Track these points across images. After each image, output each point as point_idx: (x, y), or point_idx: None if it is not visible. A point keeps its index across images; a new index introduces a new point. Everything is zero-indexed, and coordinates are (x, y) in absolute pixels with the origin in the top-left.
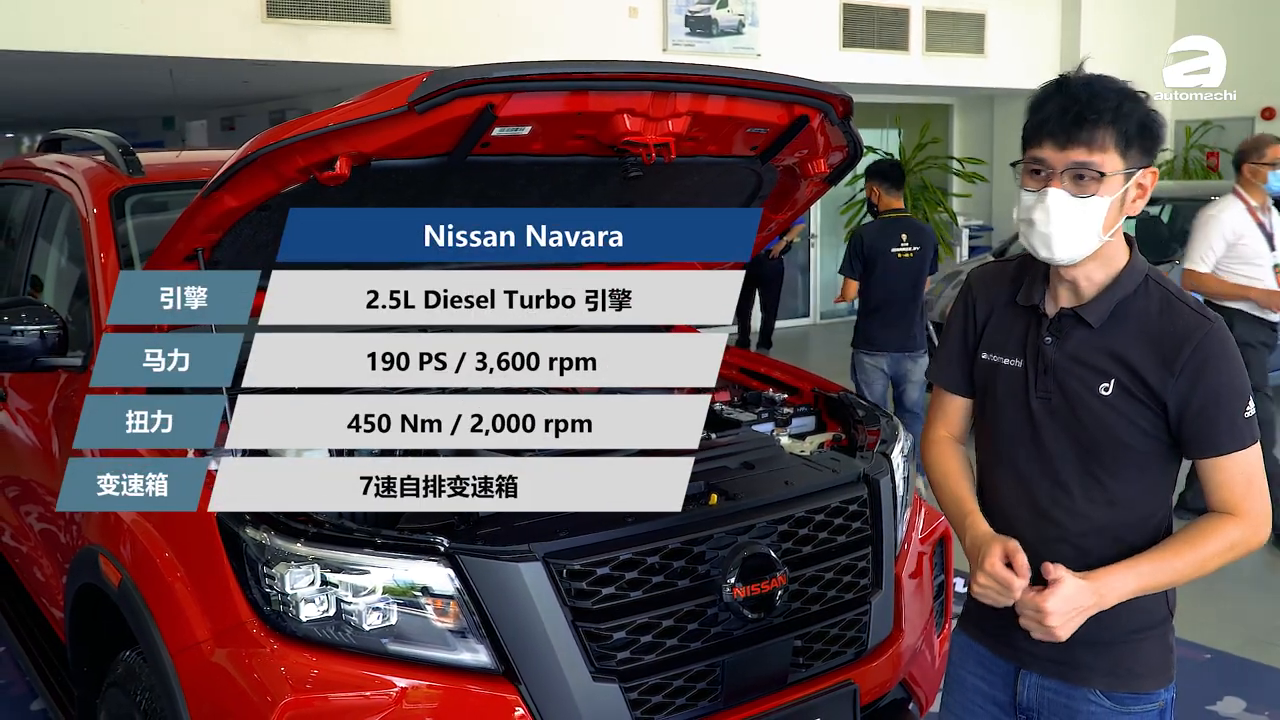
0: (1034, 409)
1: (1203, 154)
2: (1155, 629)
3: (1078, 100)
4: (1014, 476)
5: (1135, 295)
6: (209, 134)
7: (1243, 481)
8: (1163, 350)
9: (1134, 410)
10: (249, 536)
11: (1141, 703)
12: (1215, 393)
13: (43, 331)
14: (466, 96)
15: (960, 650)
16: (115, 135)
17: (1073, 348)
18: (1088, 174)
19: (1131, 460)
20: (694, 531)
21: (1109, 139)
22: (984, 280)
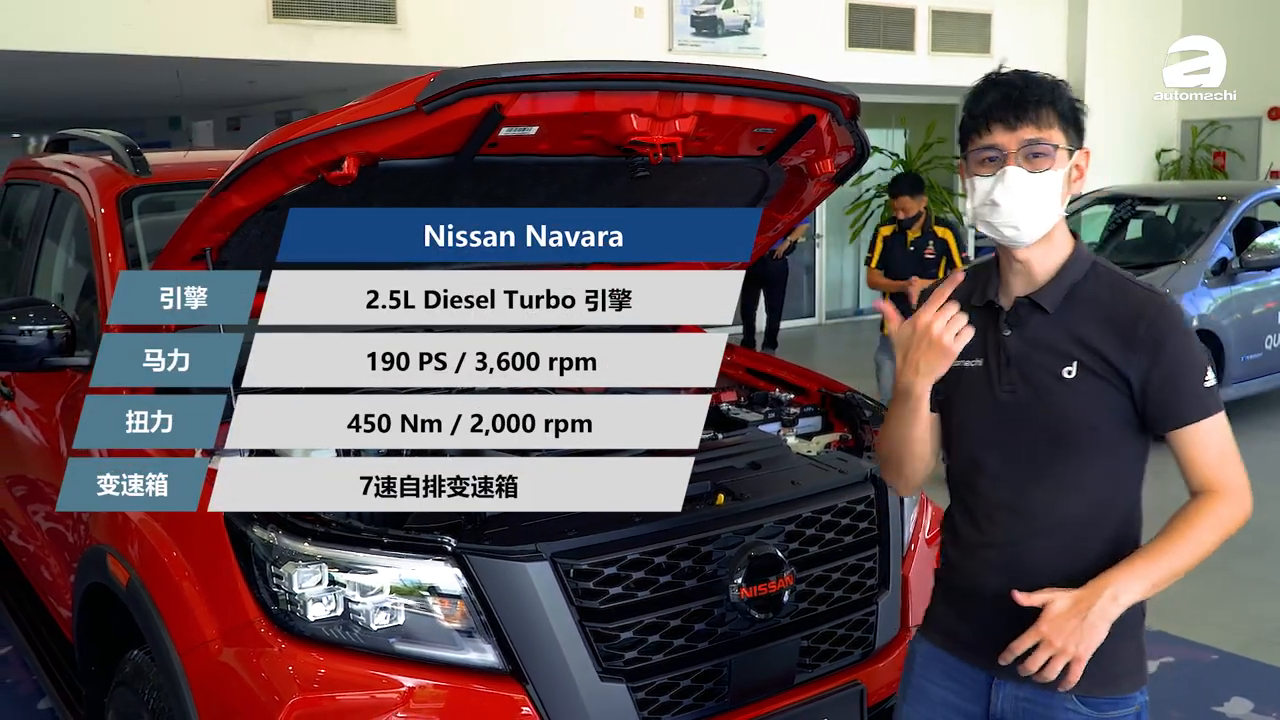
0: (1001, 404)
1: (1209, 154)
2: (1131, 628)
3: (1016, 87)
4: (988, 477)
5: (1085, 280)
6: (215, 134)
7: (1215, 454)
8: (1119, 327)
9: (1098, 390)
10: (257, 536)
11: (1119, 707)
12: (1175, 364)
13: (50, 331)
14: (474, 96)
15: (924, 660)
16: (122, 135)
17: (1032, 335)
18: (1041, 149)
19: (1101, 445)
20: (701, 531)
21: (1052, 117)
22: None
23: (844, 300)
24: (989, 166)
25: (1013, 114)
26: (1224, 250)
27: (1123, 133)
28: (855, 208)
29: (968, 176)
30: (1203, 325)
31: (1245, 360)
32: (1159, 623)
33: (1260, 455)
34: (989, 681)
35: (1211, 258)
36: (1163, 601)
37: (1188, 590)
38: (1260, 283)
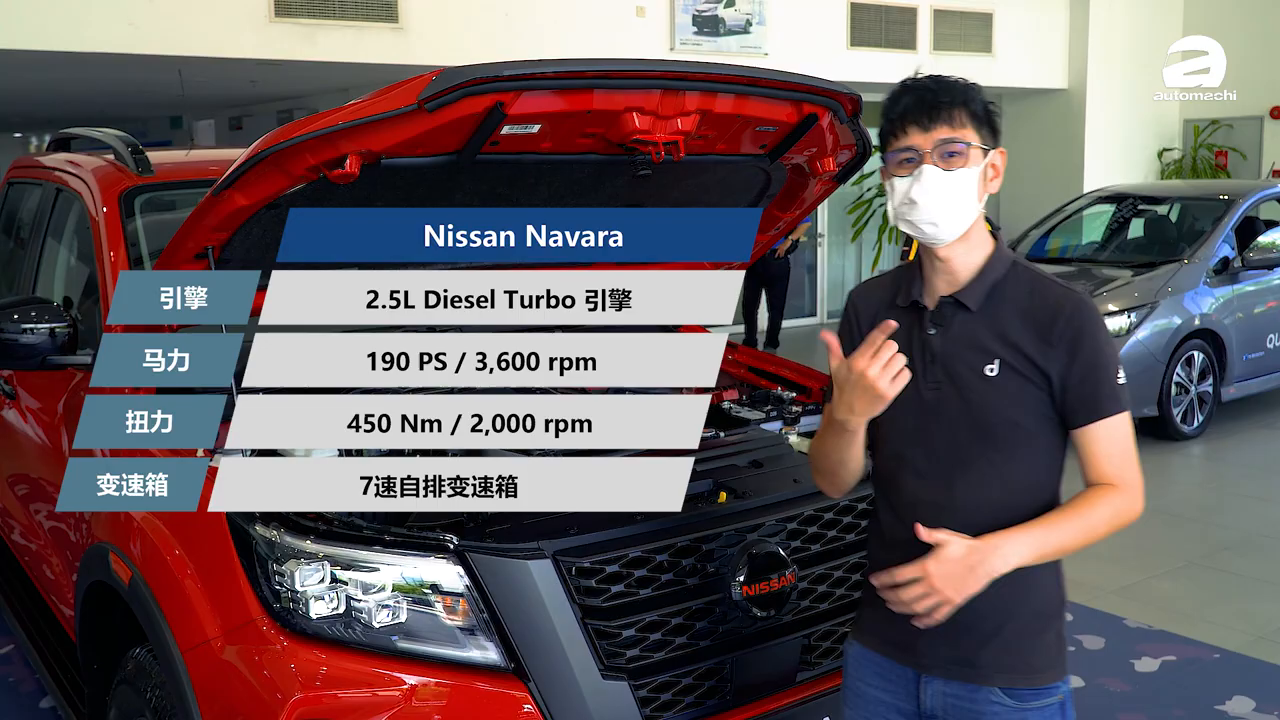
0: (925, 401)
1: (1211, 153)
2: (1051, 621)
3: (930, 90)
4: (913, 473)
5: (1006, 279)
6: (216, 134)
7: (1120, 450)
8: (1039, 324)
9: (1020, 387)
10: (259, 534)
11: (1041, 697)
12: (1093, 359)
13: (53, 330)
14: (476, 95)
15: (856, 662)
16: (124, 134)
17: (956, 333)
18: (955, 148)
19: (1022, 439)
20: (703, 530)
21: (964, 117)
22: (863, 293)
23: (845, 300)
24: (906, 168)
25: (926, 115)
26: (1226, 249)
27: (1124, 132)
28: (857, 207)
29: (887, 179)
30: (1204, 324)
31: (1247, 359)
32: (1161, 621)
33: (1260, 455)
34: (917, 679)
35: (1213, 257)
36: (1165, 600)
37: (1190, 589)
38: (1262, 282)
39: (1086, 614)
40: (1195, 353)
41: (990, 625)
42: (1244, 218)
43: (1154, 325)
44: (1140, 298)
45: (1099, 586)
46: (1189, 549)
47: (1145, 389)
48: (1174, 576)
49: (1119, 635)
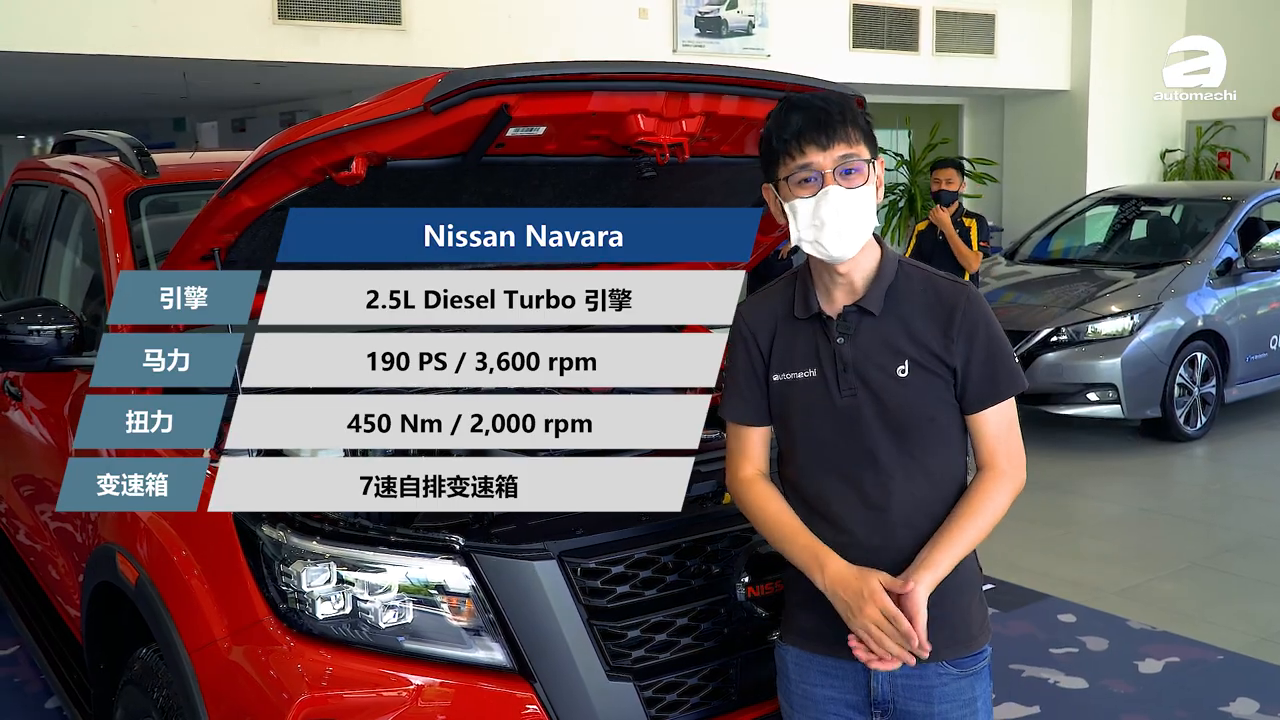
0: (842, 409)
1: (1214, 154)
2: (976, 590)
3: (820, 108)
4: (836, 478)
5: (899, 280)
6: (220, 136)
7: (1009, 428)
8: (938, 319)
9: (930, 382)
10: (266, 534)
11: (978, 661)
12: (991, 344)
13: (59, 331)
14: (481, 97)
15: (799, 665)
16: (130, 136)
17: (864, 339)
18: (854, 165)
19: (937, 432)
20: (707, 530)
21: (856, 133)
22: (754, 307)
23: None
24: (808, 188)
25: (824, 134)
26: (1229, 251)
27: (1127, 133)
28: None
29: (785, 201)
30: (1207, 325)
31: (1250, 361)
32: (1165, 623)
33: (1264, 456)
34: (866, 671)
35: (1216, 258)
36: (1168, 602)
37: (1193, 591)
38: (1265, 283)
39: (1090, 615)
40: (1198, 354)
41: (938, 608)
42: (1247, 219)
43: (1157, 326)
44: (1143, 299)
45: (1102, 588)
46: (1192, 550)
47: (1148, 390)
48: (1177, 578)
49: (1122, 637)
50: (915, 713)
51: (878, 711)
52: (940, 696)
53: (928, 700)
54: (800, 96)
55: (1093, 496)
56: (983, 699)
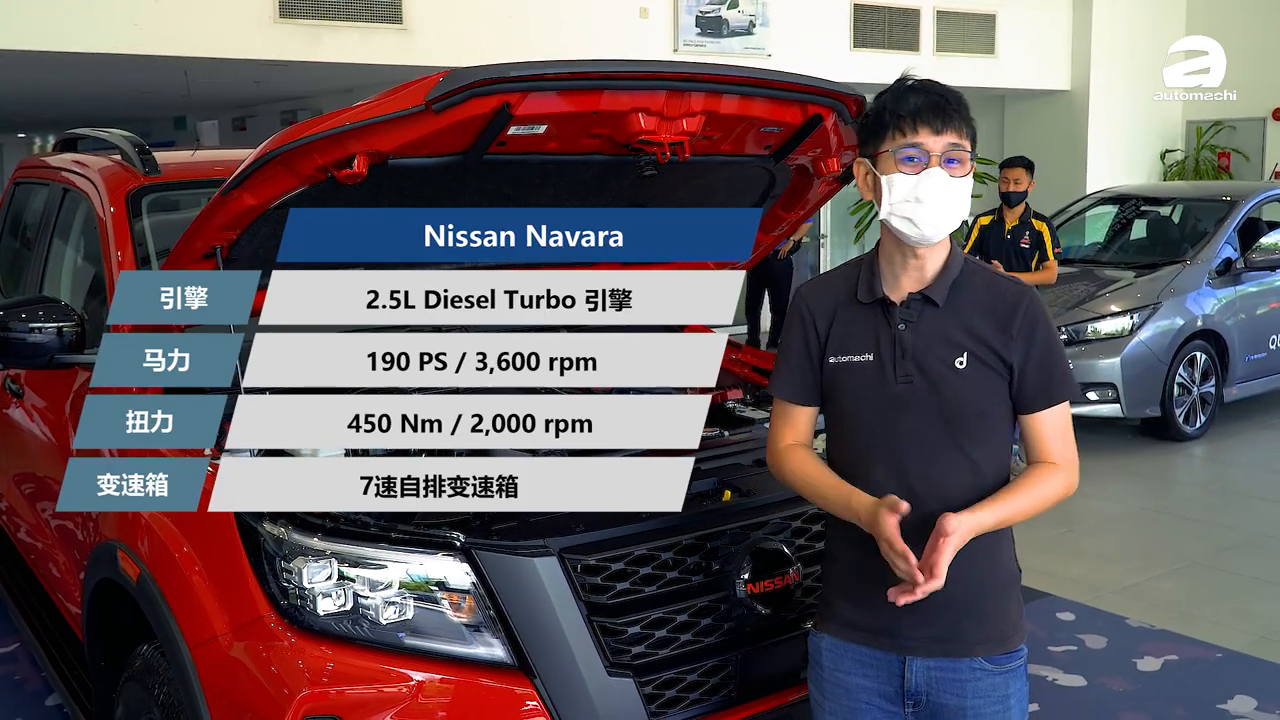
0: (897, 395)
1: (1213, 154)
2: (1013, 590)
3: (941, 95)
4: (884, 464)
5: (963, 276)
6: (220, 134)
7: (1062, 432)
8: (999, 318)
9: (986, 377)
10: (267, 531)
11: (1014, 659)
12: (1048, 348)
13: (60, 329)
14: (483, 95)
15: (833, 653)
16: (131, 134)
17: (926, 328)
18: (960, 155)
19: (987, 426)
20: (707, 527)
21: (965, 129)
22: (816, 289)
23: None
24: (912, 166)
25: (940, 119)
26: (1228, 250)
27: (1127, 133)
28: (859, 208)
29: (883, 173)
30: (1207, 325)
31: (1249, 360)
32: (1164, 621)
33: (1263, 455)
34: (901, 661)
35: (1216, 258)
36: (1167, 600)
37: (1192, 589)
38: (1264, 283)
39: (1089, 613)
40: (1198, 353)
41: (965, 601)
42: (1246, 219)
43: (1156, 326)
44: (1143, 299)
45: (1101, 586)
46: (1191, 549)
47: (1148, 390)
48: (1176, 576)
49: (1121, 635)
50: (948, 706)
51: (910, 703)
52: (974, 691)
53: (961, 694)
54: (923, 80)
55: (1092, 495)
56: (1017, 697)
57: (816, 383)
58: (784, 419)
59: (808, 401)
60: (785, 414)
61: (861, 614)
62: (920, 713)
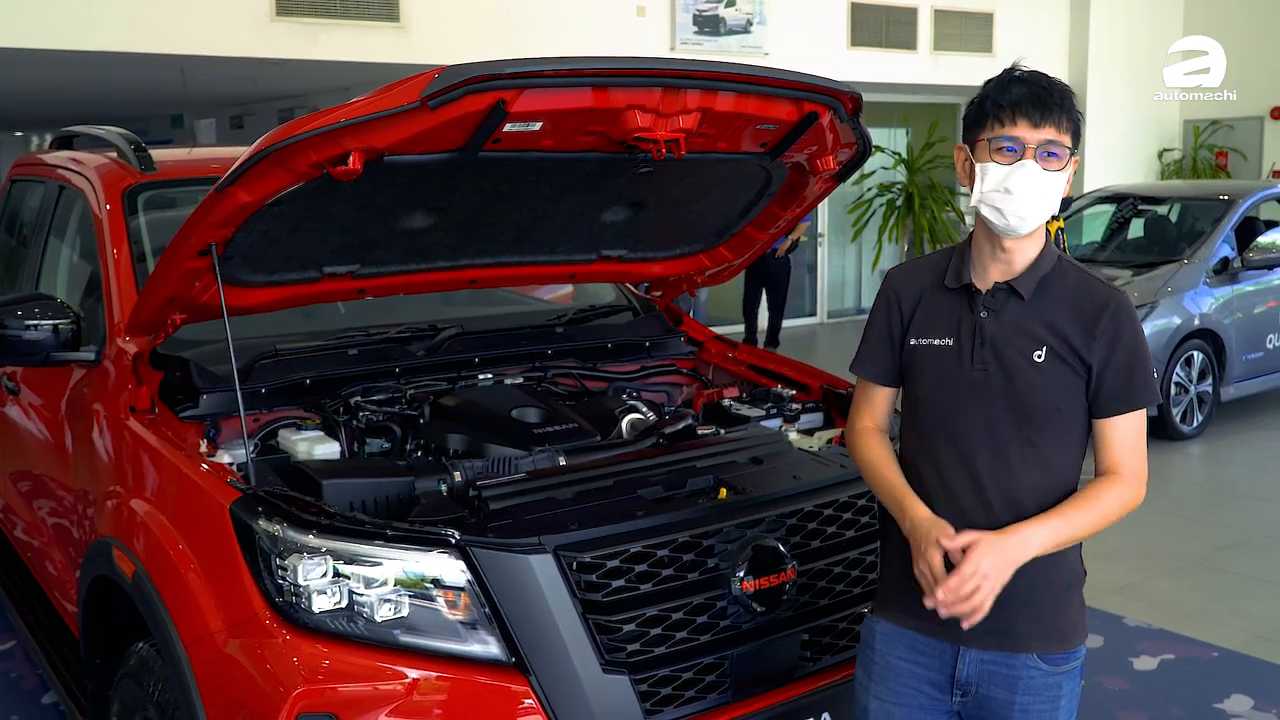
0: (972, 381)
1: (1211, 153)
2: (1075, 589)
3: (1044, 88)
4: (953, 451)
5: (1054, 272)
6: (218, 132)
7: (1135, 439)
8: (1084, 317)
9: (1063, 374)
10: (262, 528)
11: (1070, 660)
12: (1132, 352)
13: (56, 326)
14: (478, 92)
15: (886, 638)
16: (127, 132)
17: (1008, 319)
18: (1057, 150)
19: (1060, 424)
20: (703, 525)
21: (1065, 124)
22: (905, 274)
23: (845, 299)
24: (1007, 156)
25: (1039, 112)
26: (1225, 249)
27: (1125, 132)
28: (857, 207)
29: (978, 161)
30: (1204, 324)
31: (1246, 359)
32: (1160, 620)
33: (1260, 455)
34: (954, 651)
35: (1213, 257)
36: (1164, 599)
37: (1189, 589)
38: (1261, 282)
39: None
40: (1195, 353)
41: (1024, 597)
42: (1244, 218)
43: (1154, 325)
44: (1140, 297)
45: (1098, 585)
46: (1188, 548)
47: None
48: (1173, 576)
49: (1118, 634)
50: (996, 699)
51: (959, 693)
52: (1025, 688)
53: (1011, 689)
54: (1028, 72)
55: None
56: (1068, 698)
57: (896, 364)
58: (863, 398)
59: (887, 382)
60: (865, 393)
61: (920, 603)
62: (968, 703)
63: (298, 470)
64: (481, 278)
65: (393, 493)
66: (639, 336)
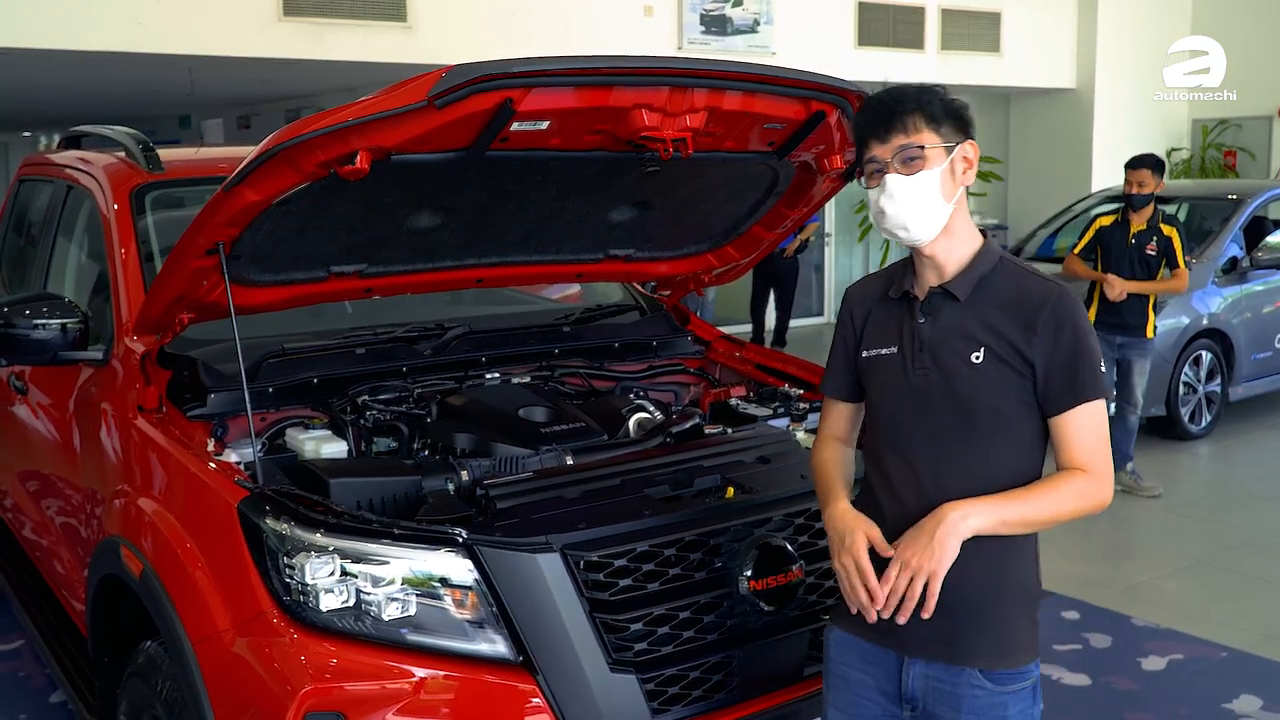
0: (914, 388)
1: (1219, 153)
2: (1026, 605)
3: (885, 102)
4: (901, 457)
5: (993, 272)
6: (225, 133)
7: (1092, 436)
8: (1023, 315)
9: (1004, 375)
10: (269, 527)
11: (1017, 680)
12: (1075, 347)
13: (64, 325)
14: (485, 91)
15: (839, 646)
16: (135, 131)
17: (944, 322)
18: (911, 153)
19: (1002, 426)
20: (710, 524)
21: (920, 121)
22: (859, 288)
23: None
24: (876, 179)
25: (883, 126)
26: (1234, 249)
27: (1132, 131)
28: (864, 207)
29: (867, 191)
30: (1212, 324)
31: (1255, 359)
32: (1168, 620)
33: (1268, 455)
34: (900, 661)
35: (1221, 256)
36: (1172, 599)
37: (1197, 589)
38: (1270, 281)
39: (1093, 612)
40: (1203, 352)
41: (970, 607)
42: (1252, 217)
43: (1162, 325)
44: None
45: (1106, 585)
46: (1196, 548)
47: (1153, 388)
48: (1181, 576)
49: (1126, 634)
50: (943, 718)
51: (908, 706)
52: (969, 707)
53: (955, 708)
54: (875, 95)
55: None
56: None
57: (853, 378)
58: (826, 413)
59: (847, 397)
60: (828, 408)
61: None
62: (917, 718)
63: (305, 469)
64: (488, 277)
65: (400, 492)
66: (646, 336)
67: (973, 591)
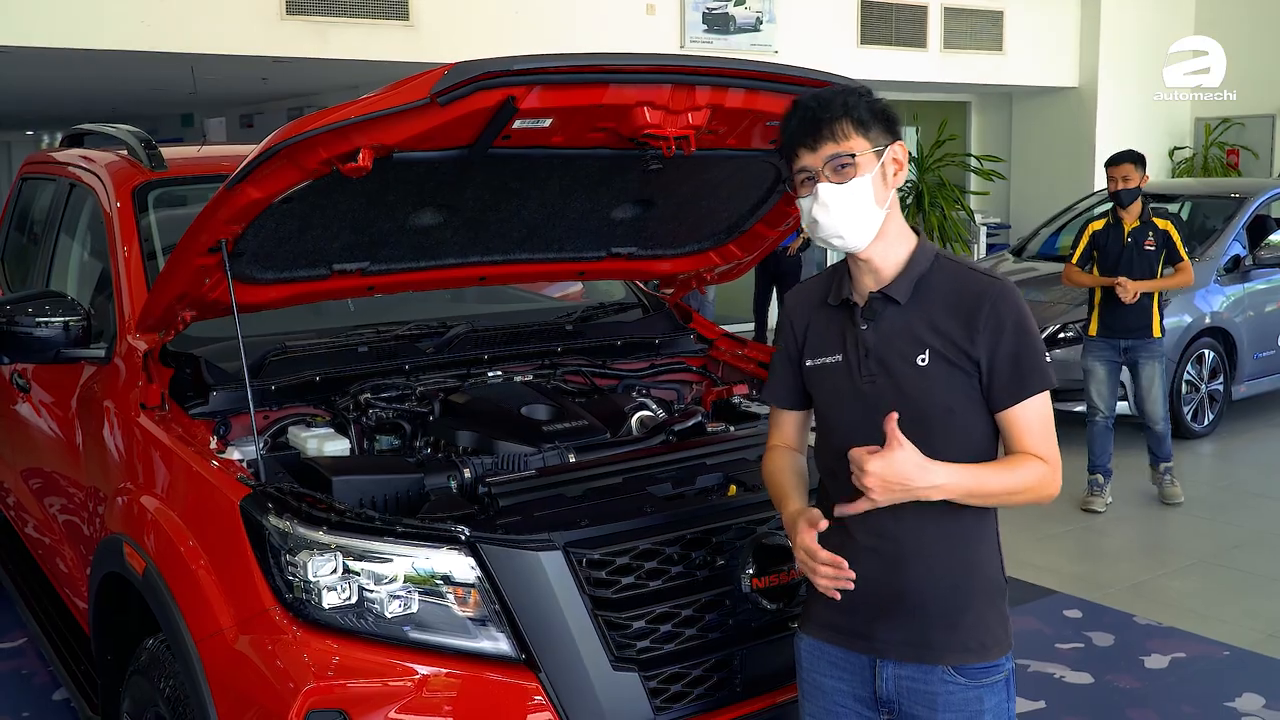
0: (863, 395)
1: (1222, 151)
2: (994, 599)
3: (811, 109)
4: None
5: (931, 271)
6: (228, 131)
7: (1041, 428)
8: (964, 312)
9: (950, 374)
10: (272, 525)
11: (990, 674)
12: (1018, 339)
13: (67, 324)
14: (488, 89)
15: (810, 654)
16: (138, 130)
17: (887, 327)
18: (842, 161)
19: (956, 426)
20: (713, 522)
21: (848, 128)
22: (797, 296)
23: None
24: (807, 186)
25: (811, 135)
26: (1236, 248)
27: (1135, 130)
28: None
29: (797, 200)
30: (1215, 323)
31: (1257, 358)
32: (1171, 619)
33: (1271, 453)
34: (872, 664)
35: (1224, 255)
36: (1174, 598)
37: (1199, 587)
38: (1273, 280)
39: (1096, 611)
40: (1206, 351)
41: (939, 606)
42: (1255, 216)
43: (1165, 322)
44: None
45: (1109, 584)
46: (1199, 547)
47: None
48: (1184, 574)
49: (1129, 632)
50: (919, 717)
51: (884, 710)
52: (945, 704)
53: (931, 706)
54: (800, 100)
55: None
56: (993, 713)
57: (799, 386)
58: (773, 423)
59: (793, 405)
60: (774, 418)
61: (835, 615)
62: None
63: (308, 467)
64: (491, 275)
65: (402, 489)
66: (648, 334)
67: (940, 593)
